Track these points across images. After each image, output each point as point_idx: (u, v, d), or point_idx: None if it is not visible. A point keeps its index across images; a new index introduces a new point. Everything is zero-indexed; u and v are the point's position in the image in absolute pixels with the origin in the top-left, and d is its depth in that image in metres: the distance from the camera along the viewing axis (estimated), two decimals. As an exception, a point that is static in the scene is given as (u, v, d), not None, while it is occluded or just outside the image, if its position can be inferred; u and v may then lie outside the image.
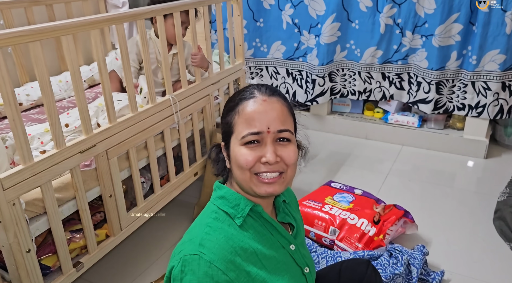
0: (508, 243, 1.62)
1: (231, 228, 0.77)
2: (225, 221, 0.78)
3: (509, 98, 2.22)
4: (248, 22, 2.66)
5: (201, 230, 0.76)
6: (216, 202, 0.81)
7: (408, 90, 2.43)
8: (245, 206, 0.79)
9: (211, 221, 0.78)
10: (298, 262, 0.85)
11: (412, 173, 2.23)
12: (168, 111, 1.53)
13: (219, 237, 0.74)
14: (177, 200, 1.94)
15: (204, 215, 0.81)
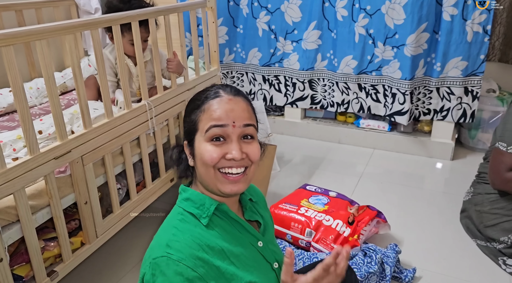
0: (474, 240, 1.70)
1: (198, 228, 0.78)
2: (191, 222, 0.79)
3: (472, 103, 2.33)
4: (229, 28, 2.70)
5: (168, 233, 0.77)
6: (182, 204, 0.82)
7: (384, 103, 2.49)
8: (210, 206, 0.80)
9: (177, 223, 0.78)
10: (267, 258, 0.88)
11: (383, 175, 2.30)
12: (143, 117, 1.52)
13: (185, 237, 0.75)
14: (154, 207, 1.93)
15: (170, 218, 0.82)
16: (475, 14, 2.13)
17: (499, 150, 1.53)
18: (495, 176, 1.55)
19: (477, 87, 2.28)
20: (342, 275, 0.81)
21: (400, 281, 1.50)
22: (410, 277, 1.50)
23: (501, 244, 1.56)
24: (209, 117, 0.78)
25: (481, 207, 1.65)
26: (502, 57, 2.56)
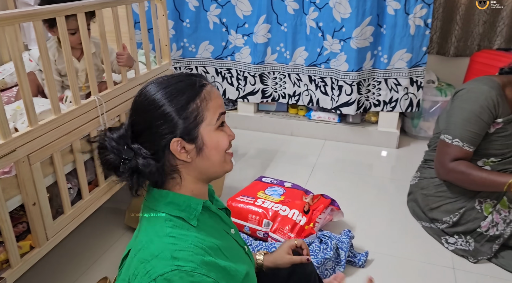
0: (420, 222, 1.82)
1: (191, 231, 0.75)
2: (183, 227, 0.75)
3: (417, 92, 2.48)
4: (176, 23, 2.64)
5: (164, 243, 0.71)
6: (165, 210, 0.77)
7: (331, 96, 2.56)
8: (197, 205, 0.78)
9: (170, 231, 0.73)
10: (240, 243, 0.90)
11: (335, 164, 2.39)
12: (94, 113, 1.46)
13: (187, 244, 0.72)
14: (106, 206, 1.86)
15: (156, 227, 0.75)
16: (417, 8, 2.26)
17: (445, 142, 1.62)
18: (440, 166, 1.64)
19: (421, 77, 2.43)
20: None
21: (354, 264, 1.57)
22: (363, 260, 1.57)
23: (444, 224, 1.68)
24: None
25: (427, 190, 1.76)
26: (439, 49, 2.74)
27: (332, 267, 1.51)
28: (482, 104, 1.53)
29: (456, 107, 1.61)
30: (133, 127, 0.79)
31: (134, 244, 0.78)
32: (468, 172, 1.54)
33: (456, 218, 1.63)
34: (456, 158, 1.58)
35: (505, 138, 1.57)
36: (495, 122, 1.56)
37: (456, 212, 1.64)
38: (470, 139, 1.56)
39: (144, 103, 0.77)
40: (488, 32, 2.63)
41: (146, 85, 0.80)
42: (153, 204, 0.78)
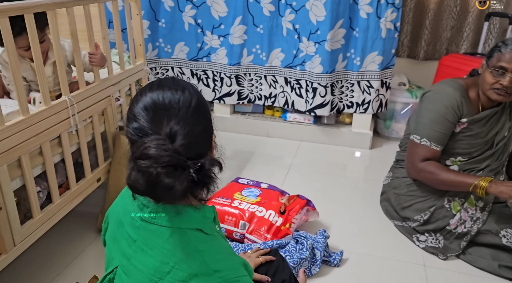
0: (392, 221, 1.86)
1: (212, 240, 0.75)
2: (205, 239, 0.74)
3: (386, 93, 2.54)
4: (151, 22, 2.61)
5: (197, 259, 0.70)
6: (182, 224, 0.73)
7: (306, 99, 2.58)
8: (210, 213, 0.79)
9: (198, 245, 0.72)
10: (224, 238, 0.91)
11: (310, 165, 2.41)
12: (64, 114, 1.42)
13: (218, 253, 0.73)
14: (78, 210, 1.82)
15: (180, 244, 0.71)
16: (388, 12, 2.32)
17: (414, 142, 1.67)
18: (410, 166, 1.69)
19: (390, 78, 2.51)
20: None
21: (329, 264, 1.59)
22: (338, 259, 1.60)
23: (415, 222, 1.73)
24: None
25: (399, 190, 1.81)
26: (410, 53, 2.82)
27: (308, 267, 1.52)
28: (447, 105, 1.60)
29: (424, 108, 1.67)
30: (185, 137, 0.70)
31: (141, 265, 0.73)
32: (437, 172, 1.60)
33: (426, 217, 1.68)
34: (425, 158, 1.63)
35: (471, 138, 1.64)
36: (460, 122, 1.62)
37: (427, 211, 1.69)
38: (437, 139, 1.62)
39: (194, 107, 0.73)
40: (455, 37, 2.73)
41: (163, 92, 0.73)
42: (165, 219, 0.73)
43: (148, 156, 0.63)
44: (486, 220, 1.61)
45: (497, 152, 1.67)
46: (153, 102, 0.72)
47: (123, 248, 0.77)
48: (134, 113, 0.73)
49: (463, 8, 2.64)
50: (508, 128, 1.67)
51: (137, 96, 0.76)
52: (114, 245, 0.81)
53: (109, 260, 0.82)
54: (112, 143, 1.74)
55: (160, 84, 0.75)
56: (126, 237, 0.77)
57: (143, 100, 0.73)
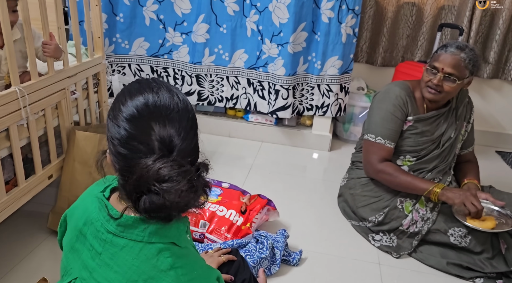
0: (350, 221, 1.91)
1: (187, 255, 0.71)
2: (179, 252, 0.70)
3: (344, 97, 2.61)
4: (109, 16, 2.51)
5: (173, 276, 0.66)
6: (156, 239, 0.68)
7: (268, 101, 2.59)
8: (183, 225, 0.74)
9: (173, 261, 0.67)
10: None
11: (271, 166, 2.43)
12: (14, 105, 1.33)
13: (196, 269, 0.70)
14: (26, 209, 1.71)
15: (151, 260, 0.67)
16: (348, 18, 2.38)
17: (369, 141, 1.74)
18: (369, 165, 1.75)
19: (348, 83, 2.58)
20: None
21: (288, 263, 1.60)
22: (297, 259, 1.61)
23: (370, 222, 1.79)
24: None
25: (354, 190, 1.86)
26: (368, 59, 2.92)
27: (267, 266, 1.52)
28: (395, 103, 1.70)
29: (374, 108, 1.77)
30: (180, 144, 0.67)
31: (105, 280, 0.68)
32: (395, 174, 1.67)
33: (381, 218, 1.74)
34: (383, 157, 1.71)
35: (417, 136, 1.73)
36: (407, 120, 1.72)
37: (381, 212, 1.75)
38: (390, 136, 1.70)
39: (177, 110, 0.68)
40: (411, 45, 2.85)
41: (146, 99, 0.68)
42: (135, 233, 0.68)
43: (167, 177, 0.62)
44: (435, 220, 1.69)
45: (443, 153, 1.77)
46: (147, 106, 0.66)
47: (84, 260, 0.71)
48: (122, 117, 0.66)
49: (418, 18, 2.77)
50: (454, 129, 1.77)
51: (124, 98, 0.69)
52: (72, 255, 0.75)
53: (66, 269, 0.76)
54: (66, 138, 1.66)
55: (150, 85, 0.69)
56: (89, 248, 0.71)
57: (134, 104, 0.67)
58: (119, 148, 0.66)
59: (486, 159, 2.70)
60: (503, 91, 2.89)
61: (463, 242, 1.62)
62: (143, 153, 0.64)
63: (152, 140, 0.65)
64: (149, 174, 0.62)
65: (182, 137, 0.66)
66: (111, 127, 0.68)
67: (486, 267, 1.59)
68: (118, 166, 0.68)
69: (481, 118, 2.94)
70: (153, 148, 0.65)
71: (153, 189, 0.61)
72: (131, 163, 0.65)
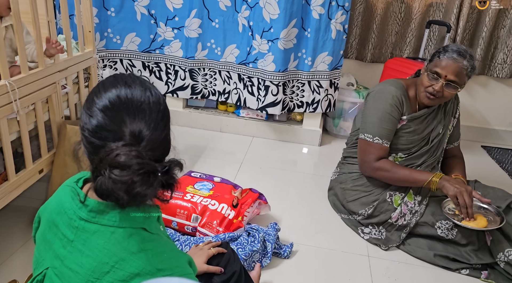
0: (339, 214, 1.94)
1: (157, 240, 0.73)
2: (149, 238, 0.71)
3: (334, 93, 2.63)
4: (99, 10, 2.49)
5: (142, 258, 0.68)
6: (127, 223, 0.70)
7: (257, 97, 2.60)
8: (156, 211, 0.76)
9: (142, 245, 0.69)
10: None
11: (262, 160, 2.45)
12: (5, 99, 1.32)
13: (165, 252, 0.71)
14: (16, 204, 1.70)
15: (122, 243, 0.68)
16: (338, 14, 2.40)
17: (366, 141, 1.74)
18: (366, 165, 1.76)
19: (338, 79, 2.60)
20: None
21: (279, 256, 1.63)
22: (288, 251, 1.63)
23: (360, 216, 1.82)
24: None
25: (345, 184, 1.88)
26: (358, 55, 2.95)
27: (259, 259, 1.54)
28: (391, 103, 1.70)
29: (371, 108, 1.75)
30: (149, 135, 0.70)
31: (76, 266, 0.69)
32: (393, 170, 1.69)
33: (370, 211, 1.77)
34: (379, 156, 1.72)
35: (410, 134, 1.75)
36: (401, 119, 1.73)
37: (371, 205, 1.78)
38: (387, 136, 1.72)
39: (149, 104, 0.71)
40: (399, 42, 2.89)
41: (120, 91, 0.71)
42: (106, 218, 0.71)
43: (120, 165, 0.63)
44: (423, 213, 1.73)
45: (432, 148, 1.80)
46: (119, 98, 0.70)
47: (56, 249, 0.73)
48: (95, 108, 0.70)
49: (407, 15, 2.81)
50: (442, 126, 1.80)
51: (98, 90, 0.72)
52: (44, 246, 0.76)
53: (38, 261, 0.77)
54: (57, 132, 1.65)
55: (124, 80, 0.73)
56: (60, 238, 0.73)
57: (107, 96, 0.70)
58: (90, 138, 0.70)
59: (472, 154, 2.76)
60: (489, 88, 2.95)
61: (450, 235, 1.66)
62: (112, 141, 0.68)
63: (122, 130, 0.68)
64: (107, 157, 0.64)
65: (151, 128, 0.70)
66: (84, 118, 0.71)
67: (472, 259, 1.63)
68: (89, 154, 0.72)
69: (467, 113, 2.99)
70: (121, 138, 0.68)
71: (104, 172, 0.64)
72: (100, 150, 0.67)
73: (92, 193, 0.70)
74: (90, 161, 0.71)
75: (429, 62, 1.66)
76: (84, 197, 0.72)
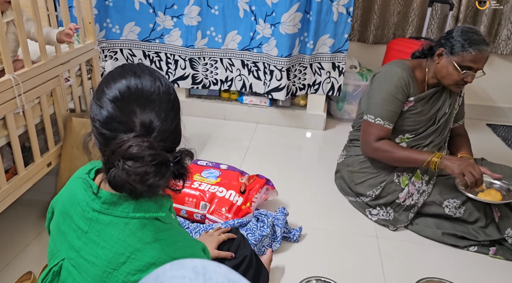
0: (347, 197, 1.95)
1: (171, 229, 0.74)
2: (163, 227, 0.73)
3: (338, 78, 2.61)
4: (98, 1, 2.47)
5: (157, 248, 0.69)
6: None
7: (264, 81, 2.60)
8: (167, 201, 0.77)
9: (157, 235, 0.70)
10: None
11: (267, 146, 2.45)
12: (10, 94, 1.33)
13: (179, 242, 0.73)
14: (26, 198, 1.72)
15: (136, 234, 0.69)
16: (340, -4, 2.37)
17: (368, 122, 1.74)
18: (366, 145, 1.76)
19: (342, 63, 2.57)
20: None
21: (289, 240, 1.64)
22: (297, 235, 1.65)
23: (367, 197, 1.82)
24: None
25: (352, 167, 1.89)
26: (360, 37, 2.92)
27: (269, 244, 1.56)
28: (397, 85, 1.69)
29: (375, 89, 1.74)
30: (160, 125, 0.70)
31: (93, 257, 0.70)
32: (392, 150, 1.69)
33: (378, 192, 1.78)
34: (380, 137, 1.72)
35: (417, 115, 1.75)
36: (408, 101, 1.72)
37: (378, 186, 1.78)
38: (390, 118, 1.71)
39: (160, 94, 0.72)
40: (402, 22, 2.86)
41: (130, 82, 0.70)
42: (120, 209, 0.71)
43: (133, 156, 0.64)
44: (431, 192, 1.73)
45: (439, 128, 1.80)
46: (129, 89, 0.69)
47: (71, 241, 0.74)
48: (106, 99, 0.69)
49: (409, -6, 2.77)
50: (448, 105, 1.79)
51: (108, 81, 0.71)
52: (59, 237, 0.77)
53: (54, 252, 0.79)
54: (63, 125, 1.66)
55: (133, 70, 0.72)
56: (74, 229, 0.74)
57: (117, 86, 0.70)
58: (100, 129, 0.70)
59: (477, 132, 2.75)
60: (493, 65, 2.92)
61: (458, 213, 1.66)
62: (123, 132, 0.67)
63: (133, 121, 0.68)
64: (120, 149, 0.64)
65: (162, 118, 0.69)
66: (95, 109, 0.71)
67: (479, 236, 1.64)
68: (100, 145, 0.72)
69: (472, 92, 2.97)
70: (132, 128, 0.68)
71: (118, 164, 0.64)
72: (111, 141, 0.68)
73: (104, 184, 0.71)
74: (102, 152, 0.71)
75: (452, 54, 1.60)
76: (97, 189, 0.72)
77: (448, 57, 1.63)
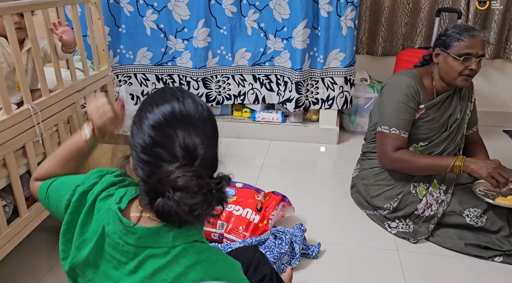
0: (364, 210, 1.92)
1: (210, 248, 0.75)
2: (203, 247, 0.73)
3: (350, 90, 2.62)
4: (111, 28, 2.55)
5: (199, 271, 0.69)
6: (183, 241, 0.71)
7: (277, 92, 2.64)
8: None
9: (203, 256, 0.71)
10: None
11: (281, 163, 2.45)
12: (28, 123, 1.37)
13: (221, 255, 0.74)
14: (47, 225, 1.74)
15: (186, 258, 0.70)
16: (347, 11, 2.40)
17: (383, 133, 1.73)
18: (385, 157, 1.73)
19: (353, 76, 2.58)
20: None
21: (308, 256, 1.62)
22: (316, 251, 1.63)
23: (385, 210, 1.80)
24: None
25: (367, 180, 1.87)
26: (369, 50, 2.93)
27: (288, 261, 1.54)
28: (407, 93, 1.69)
29: (386, 100, 1.74)
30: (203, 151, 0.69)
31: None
32: (414, 159, 1.67)
33: (395, 204, 1.75)
34: (397, 147, 1.70)
35: (429, 123, 1.73)
36: (419, 109, 1.72)
37: (395, 198, 1.76)
38: (404, 126, 1.70)
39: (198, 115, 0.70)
40: (410, 33, 2.86)
41: (171, 107, 0.69)
42: (159, 241, 0.70)
43: (182, 187, 0.63)
44: (450, 202, 1.70)
45: (451, 134, 1.78)
46: (173, 114, 0.68)
47: (105, 271, 0.73)
48: (148, 124, 0.67)
49: (415, 5, 2.78)
50: (460, 110, 1.77)
51: (150, 105, 0.69)
52: (87, 267, 0.76)
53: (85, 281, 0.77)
54: (80, 151, 1.69)
55: (174, 94, 0.71)
56: (109, 259, 0.73)
57: (160, 111, 0.68)
58: (142, 155, 0.68)
59: (494, 139, 2.70)
60: (506, 71, 2.89)
61: (479, 222, 1.63)
62: (166, 159, 0.66)
63: (176, 148, 0.66)
64: (167, 180, 0.63)
65: (206, 145, 0.67)
66: (136, 134, 0.69)
67: (504, 245, 1.59)
68: (141, 171, 0.70)
69: (486, 99, 2.93)
70: (176, 155, 0.66)
71: (167, 195, 0.63)
72: (153, 168, 0.66)
73: (136, 211, 0.71)
74: (143, 181, 0.69)
75: (447, 48, 1.63)
76: (131, 224, 0.70)
77: (444, 53, 1.65)
